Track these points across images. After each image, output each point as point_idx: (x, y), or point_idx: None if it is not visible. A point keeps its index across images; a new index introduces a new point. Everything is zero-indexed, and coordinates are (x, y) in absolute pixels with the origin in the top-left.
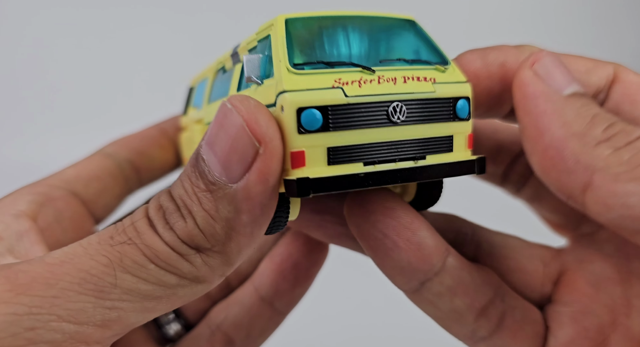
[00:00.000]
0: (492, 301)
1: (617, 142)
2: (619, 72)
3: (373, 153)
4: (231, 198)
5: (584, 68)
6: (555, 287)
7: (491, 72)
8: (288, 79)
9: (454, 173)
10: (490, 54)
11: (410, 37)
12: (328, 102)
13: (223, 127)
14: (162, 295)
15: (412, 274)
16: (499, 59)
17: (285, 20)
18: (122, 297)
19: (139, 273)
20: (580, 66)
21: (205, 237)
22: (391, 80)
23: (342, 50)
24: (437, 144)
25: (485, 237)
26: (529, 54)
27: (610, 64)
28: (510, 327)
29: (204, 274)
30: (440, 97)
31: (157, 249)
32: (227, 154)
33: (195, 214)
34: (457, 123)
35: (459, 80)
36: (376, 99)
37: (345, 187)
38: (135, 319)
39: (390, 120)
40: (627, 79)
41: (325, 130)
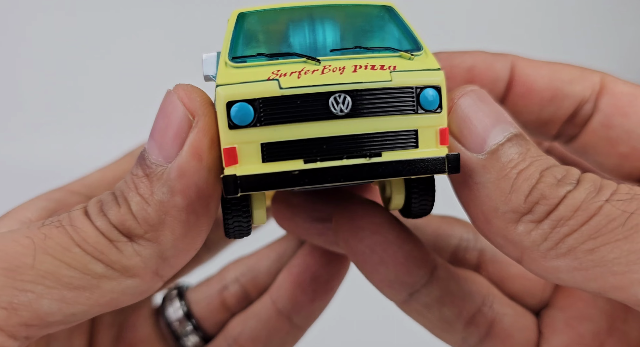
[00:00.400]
0: (480, 309)
1: (539, 213)
2: (607, 82)
3: (315, 149)
4: (166, 178)
5: (568, 77)
6: (554, 291)
7: (455, 74)
8: (223, 73)
9: (416, 172)
10: (457, 57)
11: (382, 24)
12: (259, 94)
13: (162, 110)
14: (85, 285)
15: (399, 286)
16: (466, 63)
17: (239, 14)
18: (37, 280)
19: (61, 256)
20: (564, 75)
21: (138, 221)
22: (338, 69)
23: (299, 41)
24: (396, 140)
25: (487, 243)
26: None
27: (597, 73)
28: (499, 334)
29: (134, 265)
30: (398, 86)
31: (86, 233)
32: (163, 132)
33: (130, 200)
34: (423, 115)
35: (429, 67)
36: (314, 90)
37: (278, 186)
38: (48, 306)
39: (332, 113)
40: (617, 90)
41: (257, 125)
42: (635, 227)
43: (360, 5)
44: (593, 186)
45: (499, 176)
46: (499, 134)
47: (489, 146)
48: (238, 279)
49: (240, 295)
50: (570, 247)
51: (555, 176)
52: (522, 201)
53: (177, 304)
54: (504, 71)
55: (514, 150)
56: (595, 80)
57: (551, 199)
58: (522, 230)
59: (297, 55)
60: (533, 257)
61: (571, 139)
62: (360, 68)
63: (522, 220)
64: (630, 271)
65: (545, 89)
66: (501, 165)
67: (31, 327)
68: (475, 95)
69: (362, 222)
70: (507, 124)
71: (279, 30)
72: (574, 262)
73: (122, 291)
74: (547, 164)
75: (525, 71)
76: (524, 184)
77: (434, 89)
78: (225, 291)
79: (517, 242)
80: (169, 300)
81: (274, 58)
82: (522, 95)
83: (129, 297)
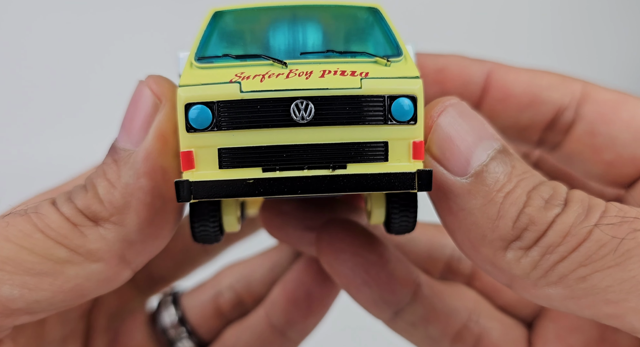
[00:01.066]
0: (465, 325)
1: (528, 240)
2: (589, 90)
3: (274, 158)
4: (132, 161)
5: (547, 84)
6: None
7: (424, 75)
8: (187, 74)
9: (381, 187)
10: (430, 59)
11: (365, 27)
12: (218, 97)
13: (132, 99)
14: (48, 270)
15: (384, 305)
16: (438, 64)
17: (215, 12)
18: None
19: (22, 242)
20: (543, 82)
21: (104, 205)
22: (304, 74)
23: (279, 43)
24: (363, 151)
25: None
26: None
27: (579, 81)
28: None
29: (98, 248)
30: (367, 95)
31: (50, 218)
32: (131, 119)
33: (98, 185)
34: (395, 127)
35: (407, 75)
36: (275, 95)
37: (232, 195)
38: (10, 292)
39: (293, 120)
40: (600, 98)
41: (216, 130)
42: (626, 253)
43: (344, 7)
44: (581, 207)
45: (485, 202)
46: (483, 153)
47: (473, 168)
48: (232, 286)
49: (235, 302)
50: (561, 275)
51: (543, 197)
52: (510, 227)
53: (172, 310)
54: (478, 75)
55: (499, 169)
56: (575, 88)
57: (539, 225)
58: (511, 257)
59: (264, 57)
60: (523, 285)
61: (555, 146)
62: (329, 73)
63: (511, 247)
64: (624, 299)
65: (522, 94)
66: (487, 189)
67: None
68: (455, 110)
69: (343, 244)
70: (490, 139)
71: (257, 30)
72: (566, 290)
73: (87, 276)
74: (533, 182)
75: (503, 77)
76: (511, 208)
77: (408, 98)
78: (219, 298)
79: (506, 270)
80: (164, 305)
81: (241, 59)
82: (499, 99)
83: (94, 284)
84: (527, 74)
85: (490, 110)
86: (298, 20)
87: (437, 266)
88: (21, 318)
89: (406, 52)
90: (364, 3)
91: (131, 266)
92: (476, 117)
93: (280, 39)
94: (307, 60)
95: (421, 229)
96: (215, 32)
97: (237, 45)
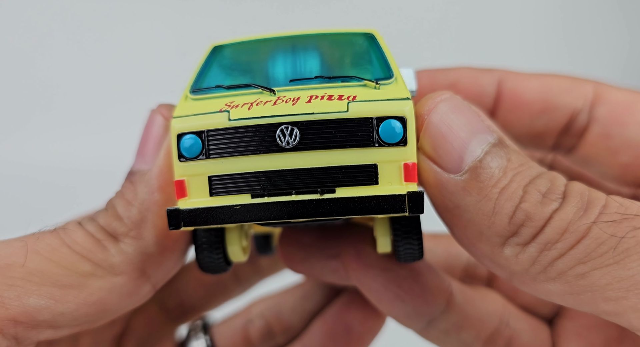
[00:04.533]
0: (497, 328)
1: (525, 236)
2: (601, 92)
3: (262, 183)
4: (147, 179)
5: (558, 88)
6: None
7: (437, 90)
8: (181, 106)
9: (370, 210)
10: (440, 74)
11: (360, 52)
12: (207, 126)
13: (145, 127)
14: (73, 283)
15: (417, 317)
16: (449, 79)
17: (214, 47)
18: (26, 277)
19: (51, 255)
20: (554, 87)
21: (123, 221)
22: (291, 100)
23: (278, 72)
24: (352, 175)
25: None
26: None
27: (590, 83)
28: None
29: (120, 262)
30: (353, 118)
31: (76, 234)
32: (144, 143)
33: (117, 204)
34: (384, 149)
35: (396, 97)
36: (261, 121)
37: (221, 221)
38: (36, 302)
39: (278, 145)
40: (612, 99)
41: (205, 158)
42: (625, 252)
43: (341, 34)
44: (580, 202)
45: (480, 198)
46: (476, 148)
47: (467, 164)
48: (263, 314)
49: (264, 330)
50: (560, 271)
51: (540, 190)
52: (506, 223)
53: (201, 338)
54: (490, 86)
55: (494, 163)
56: (587, 90)
57: (537, 221)
58: (509, 254)
59: (254, 86)
60: (522, 280)
61: (570, 150)
62: (316, 98)
63: (508, 243)
64: (623, 297)
65: (534, 101)
66: (481, 185)
67: (19, 324)
68: (447, 105)
69: (370, 259)
70: (484, 132)
71: (257, 61)
72: (565, 286)
73: (109, 289)
74: (529, 176)
75: (513, 85)
76: (506, 204)
77: (397, 120)
78: (249, 326)
79: (505, 266)
80: (194, 333)
81: (233, 89)
82: (511, 109)
83: (117, 297)
84: (537, 80)
85: (504, 120)
86: (296, 50)
87: (456, 273)
88: (45, 332)
89: (398, 73)
90: (361, 29)
91: (151, 281)
92: (470, 110)
93: (279, 68)
94: (297, 87)
95: (435, 240)
96: (214, 65)
97: (235, 76)
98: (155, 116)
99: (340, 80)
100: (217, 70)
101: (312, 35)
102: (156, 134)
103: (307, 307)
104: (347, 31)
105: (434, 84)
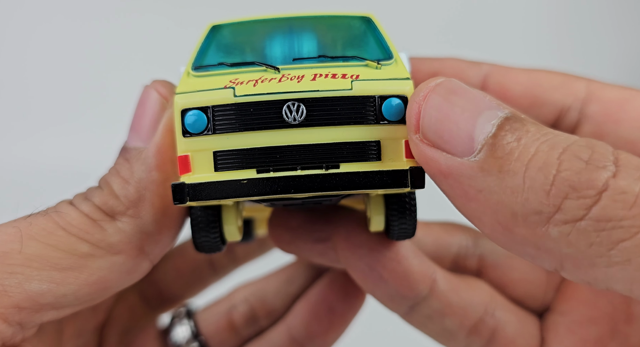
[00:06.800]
0: (482, 318)
1: (573, 212)
2: (594, 89)
3: (268, 159)
4: (144, 157)
5: (548, 85)
6: (556, 294)
7: (418, 80)
8: (184, 82)
9: (374, 185)
10: (425, 63)
11: (358, 35)
12: (212, 102)
13: (139, 102)
14: (73, 265)
15: (400, 300)
16: (432, 68)
17: (212, 26)
18: (26, 263)
19: (47, 239)
20: (544, 82)
21: (120, 199)
22: (296, 78)
23: (275, 52)
24: (356, 151)
25: (488, 249)
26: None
27: (582, 80)
28: (502, 342)
29: (118, 241)
30: (357, 96)
31: (70, 216)
32: (140, 119)
33: (112, 183)
34: (386, 126)
35: (397, 77)
36: (268, 98)
37: (227, 196)
38: (38, 287)
39: (285, 121)
40: (605, 97)
41: (210, 133)
42: None
43: (338, 17)
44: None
45: (504, 175)
46: (487, 123)
47: (479, 142)
48: (247, 299)
49: (248, 315)
50: (629, 255)
51: (581, 157)
52: (544, 197)
53: (185, 324)
54: (475, 79)
55: (511, 137)
56: (578, 87)
57: (586, 189)
58: (556, 234)
59: (258, 64)
60: (577, 264)
61: None
62: (320, 76)
63: (553, 221)
64: None
65: (521, 96)
66: (501, 161)
67: (23, 310)
68: (444, 89)
69: (359, 239)
70: (492, 108)
71: (254, 42)
72: (636, 273)
73: (109, 268)
74: (562, 143)
75: (501, 79)
76: (538, 175)
77: (399, 98)
78: (233, 311)
79: (554, 251)
80: (178, 320)
81: (236, 67)
82: None
83: (117, 275)
84: (526, 75)
85: None
86: (294, 31)
87: (445, 264)
88: (49, 313)
89: (397, 55)
90: (358, 12)
91: (149, 257)
92: (470, 91)
93: (277, 49)
94: (300, 66)
95: (426, 229)
96: (212, 44)
97: (234, 55)
98: (150, 92)
99: (342, 60)
100: (216, 48)
101: (309, 17)
102: (152, 110)
103: (291, 291)
104: (344, 14)
105: (416, 72)
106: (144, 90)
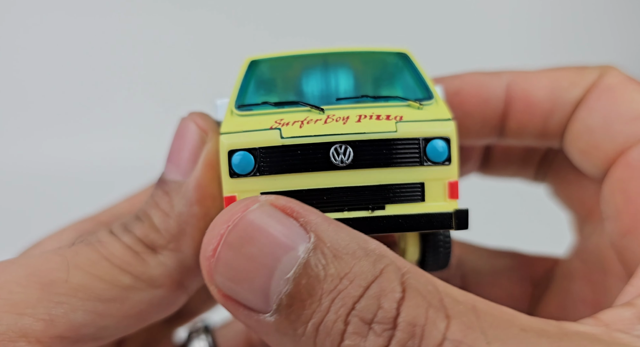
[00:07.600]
0: None
1: None
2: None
3: (315, 201)
4: (184, 191)
5: (567, 82)
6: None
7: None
8: (228, 121)
9: (420, 227)
10: (445, 82)
11: (395, 72)
12: (260, 144)
13: (177, 134)
14: (115, 296)
15: None
16: (453, 87)
17: (251, 62)
18: (71, 293)
19: (92, 270)
20: (563, 81)
21: (161, 233)
22: (341, 119)
23: (312, 89)
24: (401, 192)
25: (471, 266)
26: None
27: (596, 69)
28: None
29: (159, 275)
30: (403, 138)
31: (113, 247)
32: (178, 152)
33: (153, 215)
34: (430, 168)
35: (440, 117)
36: (315, 140)
37: None
38: (83, 318)
39: (332, 163)
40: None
41: (258, 175)
42: None
43: (375, 53)
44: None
45: (298, 338)
46: (281, 279)
47: (274, 302)
48: None
49: None
50: None
51: (364, 319)
52: None
53: (203, 339)
54: (499, 89)
55: (305, 293)
56: (591, 79)
57: None
58: None
59: (302, 103)
60: None
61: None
62: (365, 118)
63: None
64: None
65: (545, 100)
66: (295, 325)
67: (65, 339)
68: (237, 238)
69: None
70: (294, 248)
71: (291, 77)
72: None
73: (149, 301)
74: (351, 298)
75: (523, 86)
76: (326, 343)
77: (442, 140)
78: None
79: None
80: (195, 334)
81: (279, 106)
82: (523, 111)
83: (156, 309)
84: (546, 76)
85: (517, 123)
86: (330, 67)
87: None
88: (87, 345)
89: (436, 94)
90: (393, 48)
91: (187, 291)
92: (271, 231)
93: (314, 85)
94: (342, 106)
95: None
96: (252, 80)
97: (273, 92)
98: (189, 124)
99: (384, 100)
100: (255, 85)
101: (345, 53)
102: (191, 143)
103: None
104: (380, 50)
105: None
106: (182, 122)
